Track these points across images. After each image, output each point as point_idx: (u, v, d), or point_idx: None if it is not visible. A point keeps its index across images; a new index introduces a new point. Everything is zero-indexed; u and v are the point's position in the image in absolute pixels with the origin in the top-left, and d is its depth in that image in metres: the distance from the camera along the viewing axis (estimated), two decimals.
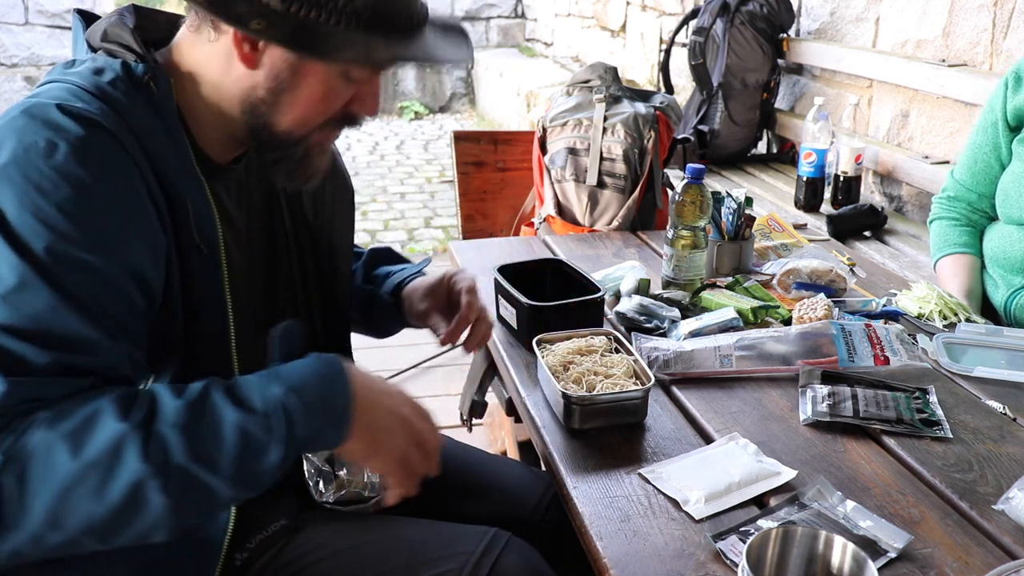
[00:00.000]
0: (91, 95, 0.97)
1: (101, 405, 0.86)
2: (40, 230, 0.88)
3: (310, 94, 1.04)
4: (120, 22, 1.06)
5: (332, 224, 1.30)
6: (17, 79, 6.59)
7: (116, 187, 0.94)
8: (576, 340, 1.33)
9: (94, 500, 0.83)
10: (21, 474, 0.82)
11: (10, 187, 0.89)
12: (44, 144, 0.91)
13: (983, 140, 1.88)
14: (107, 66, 1.01)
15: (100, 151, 0.93)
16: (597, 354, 1.30)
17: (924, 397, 1.28)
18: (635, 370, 1.25)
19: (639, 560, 0.95)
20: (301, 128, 1.07)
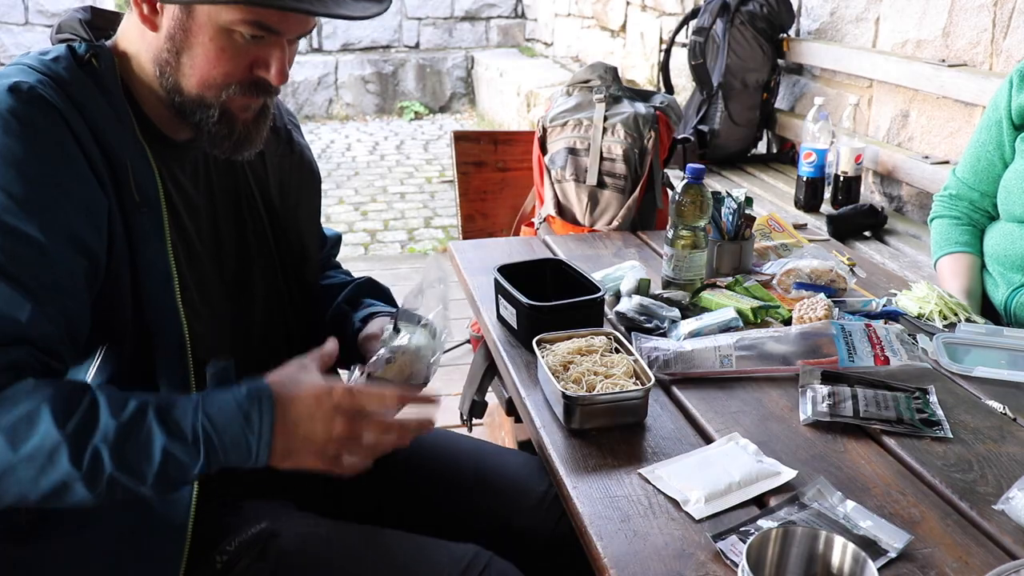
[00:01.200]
0: (37, 72, 1.04)
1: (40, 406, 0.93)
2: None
3: (204, 52, 1.07)
4: (73, 17, 1.16)
5: (298, 210, 1.34)
6: None
7: (48, 156, 1.00)
8: (576, 340, 1.33)
9: (26, 487, 0.93)
10: None
11: None
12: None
13: (986, 138, 1.88)
14: (54, 49, 1.09)
15: (32, 122, 0.99)
16: (597, 354, 1.30)
17: (924, 397, 1.28)
18: (635, 370, 1.25)
19: (639, 560, 0.95)
20: (208, 90, 1.09)
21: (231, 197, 1.26)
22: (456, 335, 3.32)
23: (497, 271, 1.52)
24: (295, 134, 1.39)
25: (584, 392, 1.19)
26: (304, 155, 1.37)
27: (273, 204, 1.30)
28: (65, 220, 1.00)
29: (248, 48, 1.08)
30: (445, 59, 7.48)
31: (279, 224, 1.31)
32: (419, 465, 1.37)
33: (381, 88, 7.38)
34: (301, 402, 1.02)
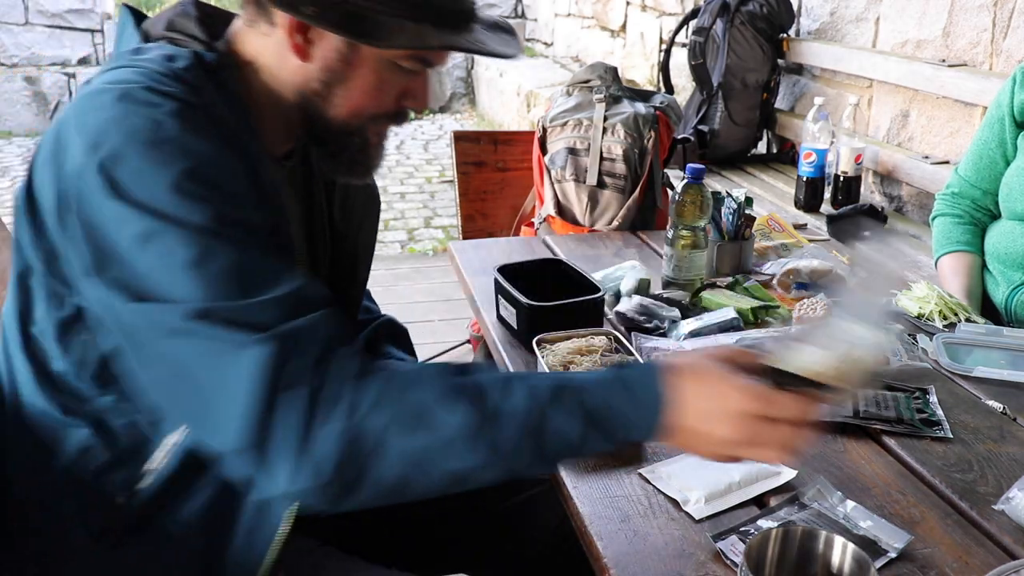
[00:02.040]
0: (169, 79, 0.96)
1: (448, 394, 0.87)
2: (187, 202, 0.88)
3: (362, 84, 1.04)
4: (185, 14, 1.07)
5: (359, 232, 1.31)
6: (17, 79, 6.59)
7: (229, 152, 0.95)
8: (576, 340, 1.33)
9: (434, 477, 0.87)
10: (377, 449, 0.84)
11: (138, 173, 0.88)
12: (151, 123, 0.90)
13: (989, 136, 1.88)
14: (177, 54, 1.01)
15: (201, 122, 0.94)
16: (597, 354, 1.30)
17: (924, 397, 1.28)
18: None
19: (639, 560, 0.95)
20: (355, 120, 1.07)
21: (305, 215, 1.22)
22: (456, 335, 3.34)
23: (497, 271, 1.52)
24: None
25: None
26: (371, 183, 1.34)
27: (335, 224, 1.27)
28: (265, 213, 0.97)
29: (401, 80, 1.06)
30: None
31: (337, 245, 1.27)
32: None
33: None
34: (705, 382, 0.90)
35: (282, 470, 0.83)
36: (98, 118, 0.91)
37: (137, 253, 0.87)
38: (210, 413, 0.85)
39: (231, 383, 0.83)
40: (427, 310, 3.66)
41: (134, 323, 0.88)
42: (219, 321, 0.85)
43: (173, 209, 0.87)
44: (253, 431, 0.83)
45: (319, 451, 0.83)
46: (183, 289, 0.86)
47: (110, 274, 0.88)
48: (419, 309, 3.66)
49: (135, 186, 0.88)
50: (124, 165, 0.89)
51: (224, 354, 0.84)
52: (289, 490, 0.84)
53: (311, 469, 0.83)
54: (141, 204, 0.87)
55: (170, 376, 0.87)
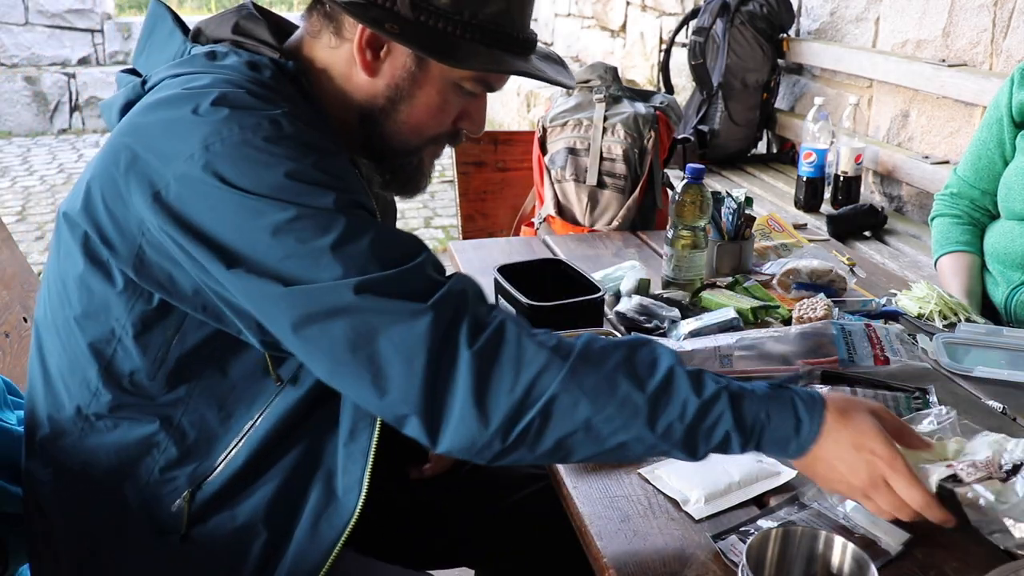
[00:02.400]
0: (260, 87, 0.97)
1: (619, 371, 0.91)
2: (316, 191, 0.90)
3: (427, 104, 1.06)
4: (252, 17, 1.08)
5: None
6: (17, 79, 6.59)
7: (335, 148, 0.98)
8: None
9: (593, 446, 0.91)
10: (546, 414, 0.88)
11: (263, 167, 0.90)
12: (266, 122, 0.92)
13: (987, 136, 1.88)
14: (259, 62, 1.01)
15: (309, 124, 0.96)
16: None
17: (924, 397, 1.28)
18: None
19: (639, 560, 0.95)
20: (414, 138, 1.09)
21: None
22: None
23: (497, 271, 1.52)
24: None
25: None
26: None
27: None
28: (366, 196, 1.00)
29: (461, 101, 1.09)
30: None
31: None
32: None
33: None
34: (852, 426, 0.94)
35: (455, 426, 0.88)
36: (200, 123, 0.91)
37: (272, 241, 0.88)
38: (388, 380, 0.88)
39: (406, 350, 0.87)
40: None
41: (287, 307, 0.89)
42: (380, 294, 0.88)
43: (300, 197, 0.89)
44: (431, 392, 0.87)
45: (490, 407, 0.87)
46: (333, 268, 0.88)
47: (245, 266, 0.89)
48: None
49: (254, 179, 0.89)
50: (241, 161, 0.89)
51: (393, 323, 0.88)
52: (461, 444, 0.89)
53: (483, 422, 0.87)
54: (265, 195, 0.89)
55: (341, 351, 0.89)
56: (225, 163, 0.89)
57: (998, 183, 1.85)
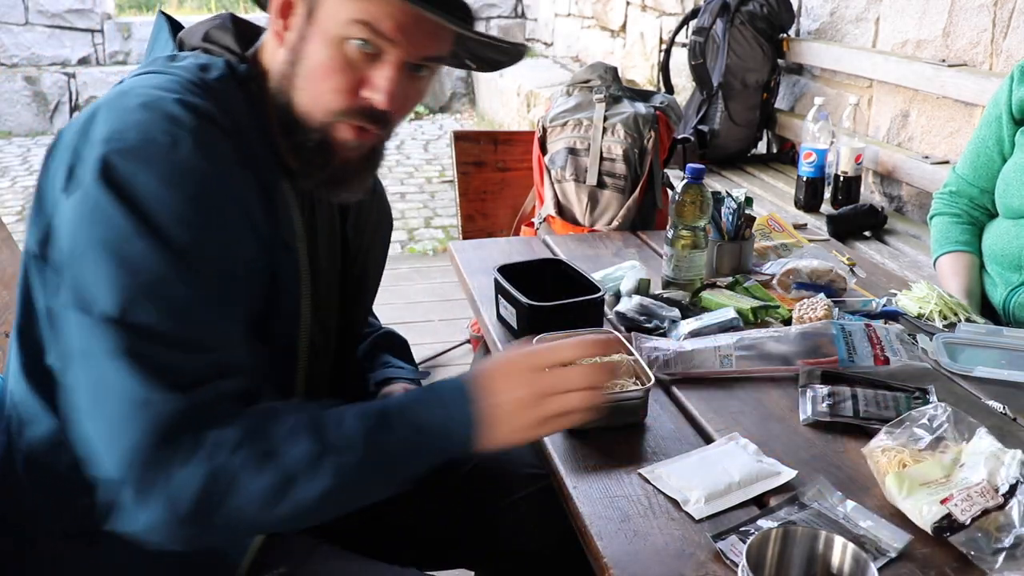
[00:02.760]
0: (200, 89, 0.99)
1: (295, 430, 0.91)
2: (176, 223, 0.90)
3: (317, 62, 1.01)
4: (223, 27, 1.09)
5: (369, 251, 1.29)
6: (17, 79, 6.59)
7: (233, 181, 0.97)
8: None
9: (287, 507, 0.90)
10: (229, 488, 0.88)
11: (143, 182, 0.90)
12: (168, 139, 0.92)
13: (986, 134, 1.88)
14: (212, 63, 1.03)
15: (217, 145, 0.96)
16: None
17: (924, 397, 1.28)
18: (635, 370, 1.25)
19: (639, 560, 0.95)
20: (316, 108, 1.03)
21: (325, 232, 1.20)
22: (456, 335, 3.34)
23: (497, 271, 1.52)
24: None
25: None
26: (380, 192, 1.32)
27: (348, 241, 1.25)
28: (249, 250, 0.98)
29: (359, 65, 1.01)
30: None
31: (347, 262, 1.26)
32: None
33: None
34: (497, 372, 0.97)
35: (146, 509, 0.87)
36: (122, 118, 0.94)
37: (97, 250, 0.89)
38: (106, 439, 0.88)
39: (132, 423, 0.87)
40: (427, 310, 3.66)
41: (72, 331, 0.90)
42: (145, 361, 0.88)
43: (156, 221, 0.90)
44: (135, 470, 0.87)
45: (180, 493, 0.87)
46: (126, 305, 0.88)
47: (70, 272, 0.90)
48: (419, 309, 3.66)
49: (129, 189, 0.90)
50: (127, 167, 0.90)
51: (135, 394, 0.87)
52: (145, 527, 0.88)
53: (170, 510, 0.87)
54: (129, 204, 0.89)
55: (86, 392, 0.89)
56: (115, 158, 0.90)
57: (996, 181, 1.85)
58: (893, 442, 1.10)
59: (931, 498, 1.00)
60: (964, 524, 0.96)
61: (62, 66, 6.79)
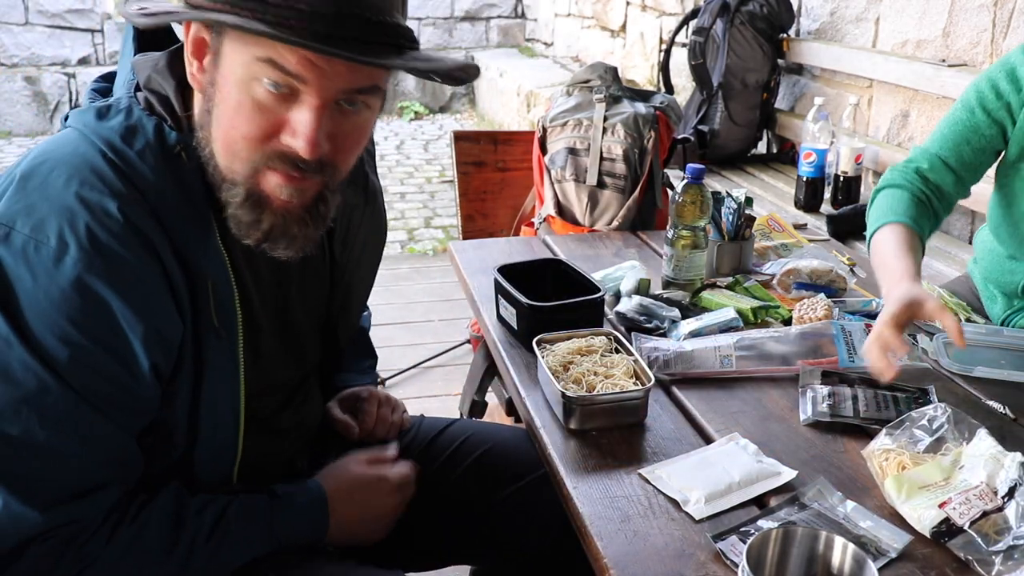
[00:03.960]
0: (117, 170, 0.93)
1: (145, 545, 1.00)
2: (56, 343, 0.90)
3: (227, 107, 0.94)
4: (166, 70, 1.01)
5: (358, 267, 1.27)
6: (17, 79, 6.59)
7: (129, 290, 0.92)
8: (576, 340, 1.33)
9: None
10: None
11: (25, 294, 0.90)
12: (56, 245, 0.90)
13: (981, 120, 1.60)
14: (140, 129, 0.96)
15: (112, 251, 0.91)
16: (597, 354, 1.30)
17: (924, 397, 1.28)
18: (635, 370, 1.25)
19: (639, 560, 0.95)
20: (234, 159, 0.96)
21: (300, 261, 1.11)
22: (456, 335, 3.33)
23: (497, 271, 1.52)
24: (372, 175, 1.26)
25: (584, 392, 1.19)
26: (377, 205, 1.26)
27: (335, 258, 1.21)
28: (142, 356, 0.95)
29: (274, 108, 0.93)
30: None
31: (333, 278, 1.23)
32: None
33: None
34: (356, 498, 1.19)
35: None
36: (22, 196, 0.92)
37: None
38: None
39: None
40: (427, 310, 3.66)
41: None
42: (7, 474, 0.91)
43: (34, 333, 0.90)
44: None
45: None
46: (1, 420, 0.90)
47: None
48: (419, 309, 3.66)
49: (14, 294, 0.90)
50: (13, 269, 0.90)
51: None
52: None
53: None
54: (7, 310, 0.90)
55: None
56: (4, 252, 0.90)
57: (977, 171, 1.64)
58: (893, 444, 1.10)
59: (930, 502, 1.00)
60: (962, 528, 0.96)
61: (62, 66, 6.79)
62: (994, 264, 1.72)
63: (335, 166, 0.99)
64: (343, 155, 0.99)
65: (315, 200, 1.00)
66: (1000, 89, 1.57)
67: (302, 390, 1.26)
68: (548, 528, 1.36)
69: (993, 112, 1.59)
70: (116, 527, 0.98)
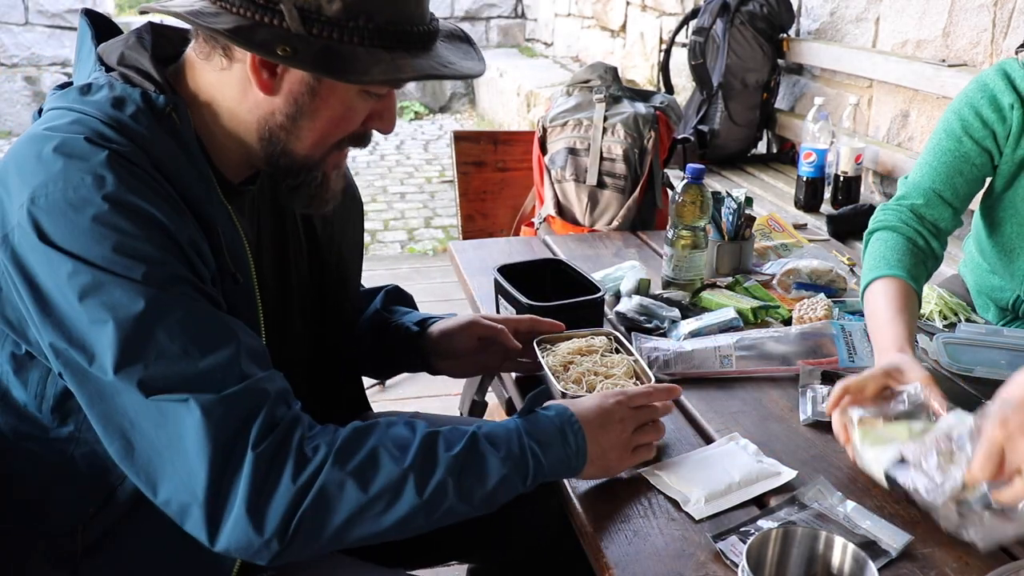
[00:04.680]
0: (114, 130, 0.95)
1: (379, 449, 0.95)
2: (131, 263, 0.90)
3: (331, 116, 1.02)
4: (138, 45, 1.04)
5: (343, 236, 1.30)
6: (17, 79, 6.59)
7: (166, 211, 0.94)
8: (576, 340, 1.33)
9: (372, 524, 0.94)
10: (318, 506, 0.90)
11: (81, 233, 0.89)
12: (92, 180, 0.90)
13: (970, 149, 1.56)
14: (127, 97, 0.99)
15: (141, 180, 0.93)
16: (597, 354, 1.30)
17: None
18: (635, 370, 1.25)
19: (639, 560, 0.95)
20: (318, 151, 1.05)
21: (278, 236, 1.20)
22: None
23: (497, 271, 1.52)
24: None
25: (584, 392, 1.19)
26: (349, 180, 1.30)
27: (316, 236, 1.25)
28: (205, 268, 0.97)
29: (368, 104, 1.04)
30: None
31: (320, 256, 1.26)
32: None
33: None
34: (598, 416, 1.07)
35: (231, 527, 0.89)
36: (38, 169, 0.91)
37: (79, 306, 0.89)
38: (164, 471, 0.90)
39: (186, 445, 0.88)
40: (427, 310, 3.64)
41: (83, 376, 0.90)
42: (169, 383, 0.88)
43: (112, 264, 0.89)
44: (215, 489, 0.88)
45: (266, 514, 0.89)
46: (130, 348, 0.88)
47: (53, 320, 0.90)
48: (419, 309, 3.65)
49: (72, 240, 0.89)
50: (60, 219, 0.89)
51: (176, 416, 0.88)
52: (238, 546, 0.90)
53: (258, 527, 0.89)
54: (78, 256, 0.89)
55: (125, 431, 0.90)
56: (45, 218, 0.90)
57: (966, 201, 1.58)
58: (869, 413, 1.11)
59: (889, 448, 1.03)
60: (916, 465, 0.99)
61: (62, 66, 6.79)
62: (981, 278, 1.72)
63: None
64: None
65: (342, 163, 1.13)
66: (984, 117, 1.53)
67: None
68: (548, 527, 1.35)
69: (980, 141, 1.54)
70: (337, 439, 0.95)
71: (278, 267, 1.21)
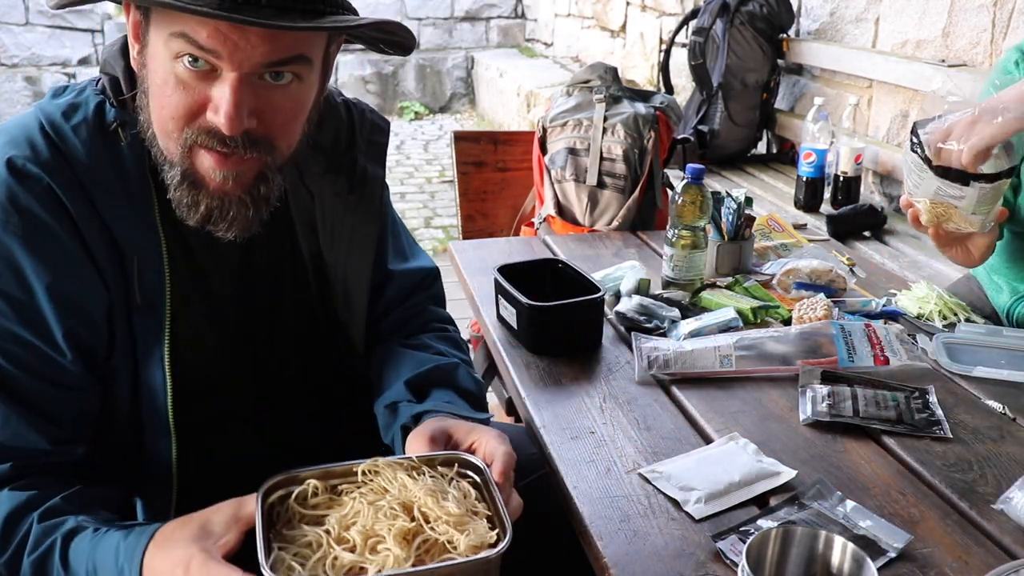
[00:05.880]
0: (50, 141, 0.97)
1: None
2: None
3: (155, 87, 0.94)
4: (118, 52, 1.04)
5: (348, 260, 1.20)
6: (17, 79, 6.59)
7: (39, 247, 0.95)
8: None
9: None
10: None
11: None
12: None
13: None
14: (82, 106, 1.00)
15: (29, 211, 0.94)
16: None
17: (924, 397, 1.28)
18: (490, 512, 0.96)
19: (639, 560, 0.95)
20: (167, 138, 0.96)
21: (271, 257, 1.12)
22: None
23: (497, 271, 1.52)
24: (370, 164, 1.21)
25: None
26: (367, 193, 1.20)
27: (320, 253, 1.17)
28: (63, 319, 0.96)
29: (196, 85, 0.93)
30: (445, 59, 7.48)
31: (324, 275, 1.18)
32: None
33: (381, 88, 7.38)
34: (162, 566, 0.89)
35: None
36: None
37: None
38: None
39: None
40: None
41: None
42: None
43: None
44: None
45: None
46: None
47: None
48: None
49: None
50: None
51: None
52: None
53: None
54: None
55: None
56: None
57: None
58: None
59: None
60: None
61: (62, 66, 6.79)
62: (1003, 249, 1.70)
63: (270, 142, 0.97)
64: (276, 130, 0.97)
65: (255, 180, 0.99)
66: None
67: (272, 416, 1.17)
68: (547, 528, 1.35)
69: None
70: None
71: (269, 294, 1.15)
